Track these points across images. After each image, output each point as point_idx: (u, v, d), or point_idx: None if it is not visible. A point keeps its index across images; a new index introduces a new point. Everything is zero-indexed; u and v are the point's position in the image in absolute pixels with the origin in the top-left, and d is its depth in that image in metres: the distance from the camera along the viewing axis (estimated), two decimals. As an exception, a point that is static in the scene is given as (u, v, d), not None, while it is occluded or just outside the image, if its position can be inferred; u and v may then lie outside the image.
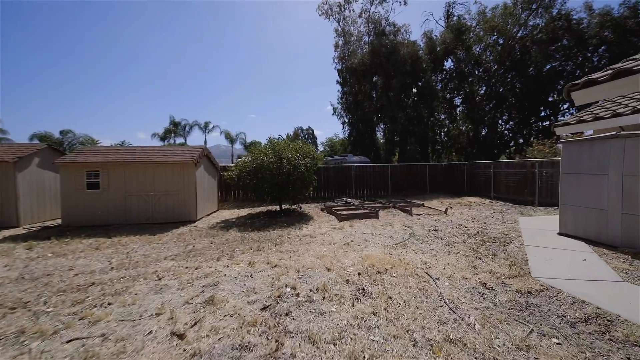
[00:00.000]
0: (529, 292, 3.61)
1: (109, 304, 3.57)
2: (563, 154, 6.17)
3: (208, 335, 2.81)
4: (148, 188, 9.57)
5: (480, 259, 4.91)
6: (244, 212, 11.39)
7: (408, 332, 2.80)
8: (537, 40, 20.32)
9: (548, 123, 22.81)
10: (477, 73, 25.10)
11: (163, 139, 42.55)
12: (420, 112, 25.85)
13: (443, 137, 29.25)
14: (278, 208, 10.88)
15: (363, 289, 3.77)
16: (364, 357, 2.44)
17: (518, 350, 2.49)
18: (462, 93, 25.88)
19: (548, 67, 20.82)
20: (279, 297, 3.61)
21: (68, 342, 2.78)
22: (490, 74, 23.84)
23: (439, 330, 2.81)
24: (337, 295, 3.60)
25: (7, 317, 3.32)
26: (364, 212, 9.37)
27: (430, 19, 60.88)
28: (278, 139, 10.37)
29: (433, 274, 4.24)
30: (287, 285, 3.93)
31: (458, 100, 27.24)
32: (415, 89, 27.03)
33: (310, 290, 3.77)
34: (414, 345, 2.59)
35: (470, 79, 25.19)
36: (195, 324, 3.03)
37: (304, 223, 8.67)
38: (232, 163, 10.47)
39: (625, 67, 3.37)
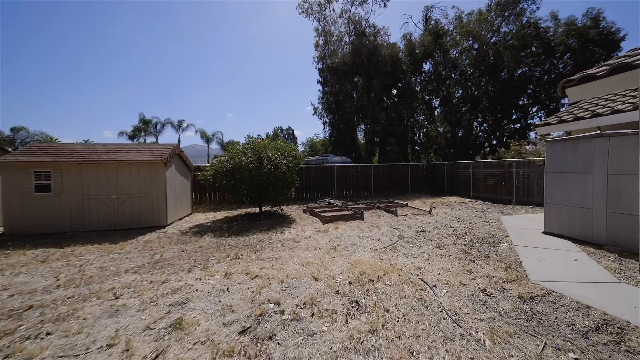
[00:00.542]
0: (531, 297, 3.39)
1: (48, 334, 2.89)
2: (548, 153, 6.17)
3: (172, 373, 2.27)
4: (110, 190, 8.59)
5: (474, 262, 4.70)
6: (221, 215, 10.65)
7: (413, 354, 2.43)
8: (509, 46, 21.21)
9: (519, 125, 23.96)
10: (453, 76, 25.78)
11: (132, 138, 39.89)
12: (401, 113, 26.13)
13: (422, 137, 29.79)
14: (258, 210, 10.27)
15: (356, 302, 3.36)
16: (367, 392, 2.02)
17: (538, 372, 2.20)
18: (440, 95, 26.46)
19: (519, 72, 21.80)
20: (261, 315, 3.11)
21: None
22: (466, 77, 24.57)
23: (447, 350, 2.46)
24: (327, 311, 3.17)
25: None
26: (349, 213, 9.02)
27: (410, 22, 62.49)
28: (258, 138, 9.67)
29: (429, 281, 3.94)
30: (269, 300, 3.44)
31: (436, 102, 27.85)
32: (396, 90, 27.31)
33: (297, 306, 3.31)
34: (423, 373, 2.22)
35: (448, 82, 25.84)
36: (157, 357, 2.46)
37: (286, 226, 8.16)
38: (208, 163, 9.72)
39: (625, 62, 3.23)
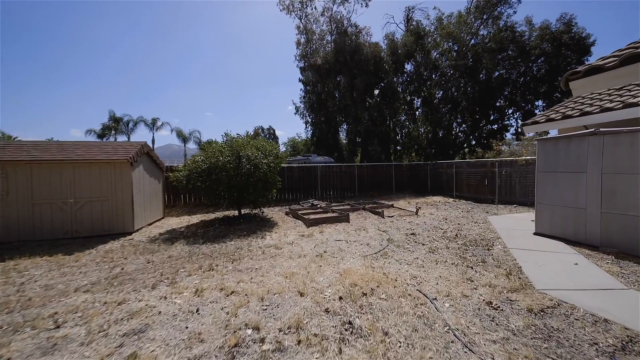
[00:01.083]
0: (542, 310, 3.07)
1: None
2: (539, 152, 6.02)
3: None
4: (66, 194, 7.59)
5: (472, 268, 4.38)
6: (196, 219, 9.84)
7: (424, 394, 1.98)
8: (487, 49, 21.71)
9: (496, 126, 24.66)
10: (434, 77, 26.12)
11: (101, 137, 37.34)
12: (383, 112, 26.12)
13: (404, 138, 30.01)
14: (237, 213, 9.57)
15: (350, 323, 2.88)
16: None
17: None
18: (421, 96, 26.73)
19: (496, 74, 22.41)
20: (236, 346, 2.56)
21: None
22: (447, 79, 24.95)
23: (465, 387, 2.04)
24: (316, 336, 2.66)
25: None
26: (334, 215, 8.56)
27: (392, 22, 63.06)
28: (238, 137, 8.99)
29: (428, 292, 3.54)
30: (247, 325, 2.88)
31: (418, 103, 28.11)
32: (378, 90, 27.27)
33: (280, 330, 2.78)
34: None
35: (429, 83, 26.15)
36: (93, 419, 1.85)
37: (268, 230, 7.56)
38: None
39: (638, 52, 2.98)
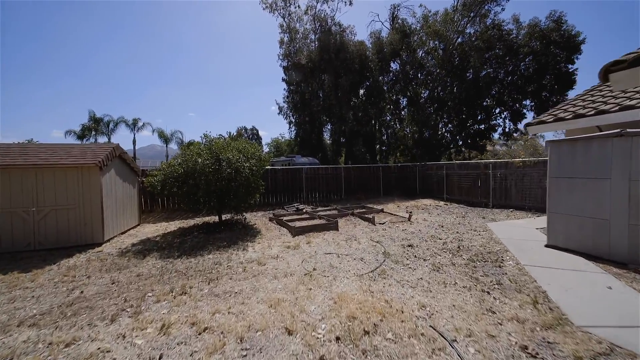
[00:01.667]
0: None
1: None
2: (551, 155, 5.59)
3: None
4: (27, 202, 6.82)
5: (488, 293, 3.85)
6: (174, 225, 9.19)
7: None
8: (474, 47, 21.74)
9: (483, 126, 24.82)
10: (420, 76, 26.05)
11: (81, 138, 35.81)
12: (368, 112, 25.87)
13: (389, 138, 29.90)
14: (217, 219, 8.98)
15: (350, 377, 2.42)
16: None
17: None
18: (407, 95, 26.61)
19: (484, 73, 22.47)
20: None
21: None
22: (433, 77, 24.91)
23: None
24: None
25: None
26: (322, 223, 8.10)
27: (377, 20, 63.09)
28: (218, 138, 8.37)
29: (443, 329, 2.97)
30: (220, 379, 2.39)
31: (404, 102, 28.01)
32: (364, 90, 26.97)
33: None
34: None
35: (415, 82, 26.05)
36: None
37: (250, 240, 7.04)
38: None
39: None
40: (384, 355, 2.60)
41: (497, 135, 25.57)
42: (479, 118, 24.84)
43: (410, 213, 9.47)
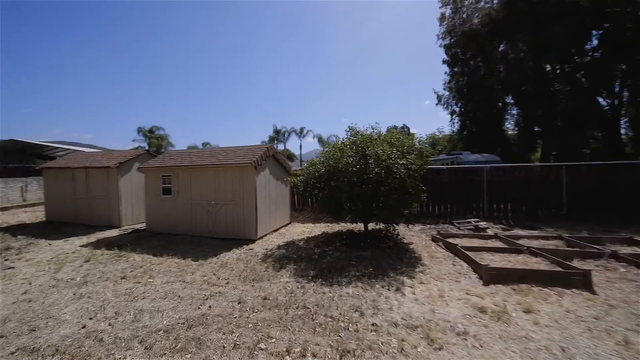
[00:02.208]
0: None
1: None
2: None
3: None
4: (210, 196, 7.92)
5: None
6: (319, 229, 8.48)
7: None
8: None
9: None
10: None
11: (267, 147, 45.95)
12: (610, 74, 15.55)
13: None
14: (363, 228, 7.44)
15: None
16: None
17: None
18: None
19: None
20: None
21: None
22: None
23: None
24: None
25: None
26: (548, 269, 4.68)
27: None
28: (365, 130, 6.70)
29: None
30: None
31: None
32: (598, 39, 16.22)
33: None
34: None
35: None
36: None
37: (406, 272, 4.90)
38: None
39: None
40: None
41: None
42: None
43: None
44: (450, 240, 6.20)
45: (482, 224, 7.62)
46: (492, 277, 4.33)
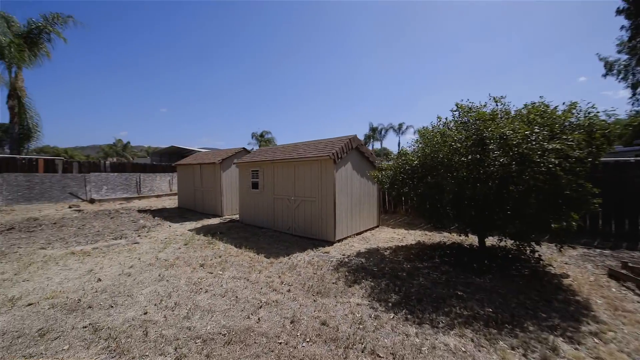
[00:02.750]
0: None
1: None
2: None
3: None
4: (289, 191, 7.54)
5: None
6: (412, 237, 6.84)
7: None
8: None
9: None
10: None
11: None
12: None
13: None
14: (477, 242, 5.39)
15: None
16: None
17: None
18: None
19: None
20: None
21: None
22: None
23: None
24: None
25: None
26: None
27: None
28: (482, 106, 4.67)
29: None
30: None
31: None
32: None
33: None
34: None
35: None
36: None
37: (559, 327, 2.87)
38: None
39: None
40: None
41: None
42: None
43: None
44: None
45: None
46: None
